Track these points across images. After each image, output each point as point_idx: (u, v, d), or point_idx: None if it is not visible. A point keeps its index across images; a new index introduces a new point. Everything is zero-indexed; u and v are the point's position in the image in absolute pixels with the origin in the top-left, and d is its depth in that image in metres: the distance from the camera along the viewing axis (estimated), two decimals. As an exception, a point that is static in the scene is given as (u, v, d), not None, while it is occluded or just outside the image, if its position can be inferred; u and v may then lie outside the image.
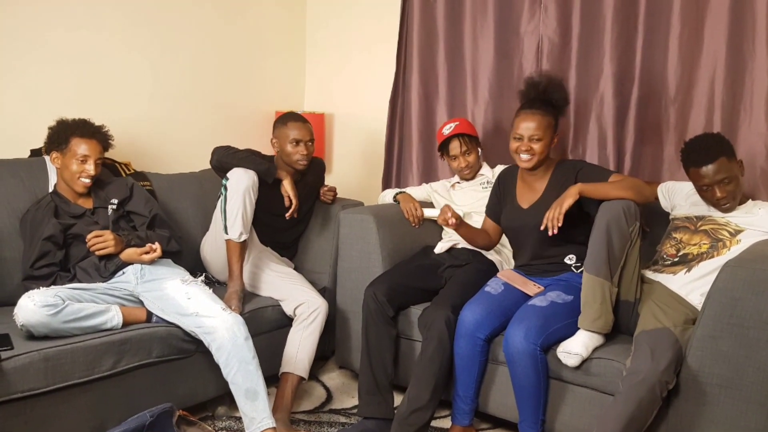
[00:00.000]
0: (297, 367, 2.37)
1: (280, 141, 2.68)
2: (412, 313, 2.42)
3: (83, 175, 2.29)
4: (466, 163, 2.72)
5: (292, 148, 2.64)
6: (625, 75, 2.63)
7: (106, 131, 2.38)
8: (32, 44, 2.60)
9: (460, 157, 2.71)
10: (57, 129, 2.33)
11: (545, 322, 2.05)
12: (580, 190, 2.10)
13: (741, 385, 1.78)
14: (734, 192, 2.08)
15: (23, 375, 1.81)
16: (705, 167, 2.06)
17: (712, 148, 2.08)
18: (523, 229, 2.33)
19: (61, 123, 2.35)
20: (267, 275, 2.57)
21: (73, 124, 2.33)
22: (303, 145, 2.65)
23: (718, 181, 2.06)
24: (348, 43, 3.54)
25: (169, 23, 3.05)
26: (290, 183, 2.60)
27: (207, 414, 2.35)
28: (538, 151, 2.24)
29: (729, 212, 2.13)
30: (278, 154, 2.71)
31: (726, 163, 2.05)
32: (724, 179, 2.06)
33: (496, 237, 2.48)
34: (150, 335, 2.10)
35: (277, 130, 2.70)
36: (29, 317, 1.89)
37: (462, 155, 2.71)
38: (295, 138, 2.64)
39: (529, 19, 2.84)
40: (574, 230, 2.23)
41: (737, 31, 2.37)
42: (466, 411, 2.20)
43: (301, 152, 2.64)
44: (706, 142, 2.13)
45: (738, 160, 2.11)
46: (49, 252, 2.21)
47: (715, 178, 2.06)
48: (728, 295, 1.80)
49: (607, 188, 2.11)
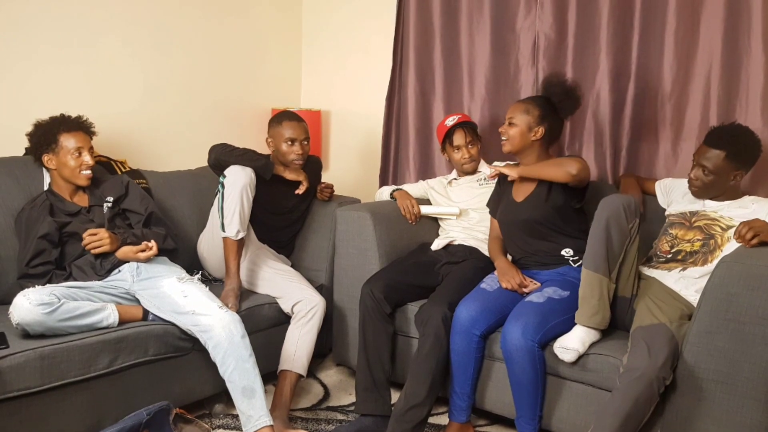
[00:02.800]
0: (295, 365, 2.37)
1: (275, 140, 2.68)
2: (409, 310, 2.42)
3: (83, 168, 2.29)
4: (470, 155, 2.71)
5: (287, 147, 2.64)
6: (621, 71, 2.63)
7: (85, 120, 2.38)
8: (26, 42, 2.59)
9: (464, 148, 2.70)
10: (39, 131, 2.32)
11: (543, 318, 2.05)
12: (520, 171, 2.27)
13: (737, 380, 1.79)
14: (708, 185, 2.12)
15: (19, 374, 1.81)
16: (705, 146, 2.12)
17: (725, 139, 2.10)
18: (514, 222, 2.35)
19: (40, 125, 2.33)
20: (264, 272, 2.57)
21: (54, 123, 2.32)
22: (298, 145, 2.64)
23: (702, 165, 2.10)
24: (345, 40, 3.53)
25: (165, 20, 3.04)
26: (292, 170, 2.62)
27: (204, 412, 2.35)
28: (510, 134, 2.33)
29: (698, 197, 2.18)
30: (274, 153, 2.71)
31: (720, 159, 2.08)
32: (706, 167, 2.10)
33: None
34: (146, 333, 2.10)
35: (272, 129, 2.70)
36: (25, 316, 1.88)
37: (466, 146, 2.70)
38: (290, 137, 2.64)
39: (525, 15, 2.84)
40: (567, 224, 2.25)
41: (733, 26, 2.37)
42: (463, 408, 2.20)
43: (296, 152, 2.64)
44: (730, 132, 2.14)
45: (739, 171, 2.11)
46: (44, 250, 2.20)
47: (701, 160, 2.11)
48: (724, 291, 1.81)
49: (538, 167, 2.25)
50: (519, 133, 2.31)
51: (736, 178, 2.12)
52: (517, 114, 2.32)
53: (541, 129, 2.30)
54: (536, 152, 2.34)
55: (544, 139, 2.33)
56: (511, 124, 2.32)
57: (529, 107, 2.32)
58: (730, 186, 2.14)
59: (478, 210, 2.69)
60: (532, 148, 2.33)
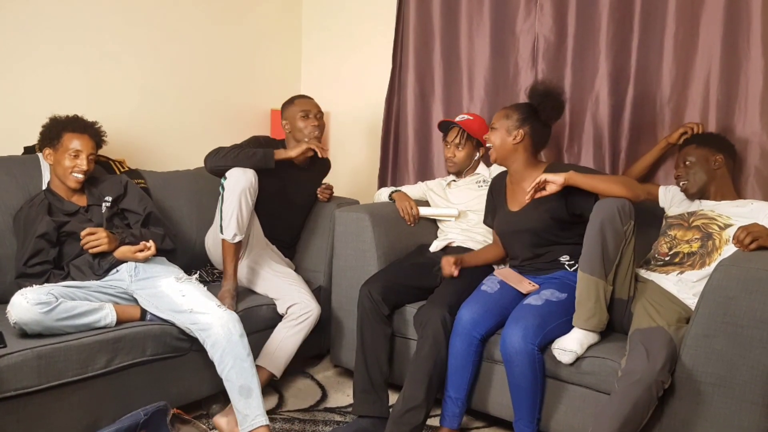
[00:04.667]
0: (271, 364, 2.38)
1: (290, 121, 2.71)
2: (407, 311, 2.42)
3: (75, 170, 2.28)
4: (453, 155, 2.71)
5: (303, 122, 2.67)
6: (621, 74, 2.63)
7: (98, 127, 2.38)
8: (26, 42, 2.59)
9: (451, 146, 2.71)
10: (49, 126, 2.33)
11: (542, 321, 2.05)
12: (569, 177, 2.12)
13: (735, 383, 1.79)
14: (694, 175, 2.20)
15: (16, 373, 1.81)
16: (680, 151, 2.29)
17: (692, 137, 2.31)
18: (514, 232, 2.35)
19: (53, 120, 2.35)
20: (266, 272, 2.57)
21: (65, 120, 2.33)
22: (313, 117, 2.69)
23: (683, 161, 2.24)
24: (344, 41, 3.53)
25: (164, 21, 3.04)
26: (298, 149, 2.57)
27: (201, 412, 2.34)
28: (491, 140, 2.32)
29: (692, 195, 2.23)
30: (290, 135, 2.73)
31: (693, 149, 2.23)
32: (687, 159, 2.22)
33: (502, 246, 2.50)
34: (144, 333, 2.09)
35: (286, 111, 2.74)
36: (22, 315, 1.88)
37: (453, 145, 2.71)
38: (304, 110, 2.68)
39: (525, 17, 2.84)
40: (564, 232, 2.24)
41: (732, 30, 2.38)
42: (456, 414, 2.19)
43: (312, 123, 2.67)
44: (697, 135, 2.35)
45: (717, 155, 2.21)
46: (42, 250, 2.20)
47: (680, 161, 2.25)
48: (722, 294, 1.81)
49: (596, 180, 2.13)
50: (499, 137, 2.30)
51: (717, 161, 2.20)
52: (498, 119, 2.32)
53: (521, 132, 2.28)
54: (522, 158, 2.31)
55: (528, 144, 2.30)
56: (493, 128, 2.33)
57: (509, 112, 2.32)
58: (717, 175, 2.19)
59: (477, 212, 2.69)
60: (516, 153, 2.31)
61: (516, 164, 2.34)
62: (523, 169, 2.33)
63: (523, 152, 2.31)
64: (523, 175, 2.33)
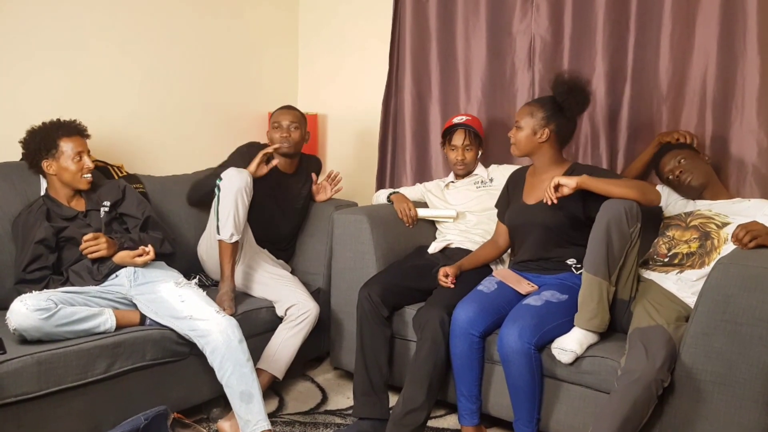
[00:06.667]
0: (272, 366, 2.38)
1: (268, 131, 2.82)
2: (406, 313, 2.42)
3: (84, 171, 2.30)
4: (463, 158, 2.72)
5: (273, 132, 2.77)
6: (617, 73, 2.63)
7: (80, 123, 2.39)
8: (23, 46, 2.59)
9: (460, 149, 2.71)
10: (37, 137, 2.31)
11: (540, 321, 2.05)
12: (582, 181, 2.08)
13: (734, 381, 1.79)
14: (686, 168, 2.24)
15: (16, 379, 1.80)
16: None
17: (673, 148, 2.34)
18: (526, 225, 2.33)
19: (35, 131, 2.32)
20: (261, 276, 2.57)
21: (52, 128, 2.32)
22: (285, 129, 2.75)
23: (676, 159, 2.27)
24: (341, 43, 3.53)
25: (160, 24, 3.04)
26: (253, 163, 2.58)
27: (202, 416, 2.34)
28: (515, 138, 2.31)
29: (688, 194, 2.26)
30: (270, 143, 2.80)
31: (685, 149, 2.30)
32: (679, 156, 2.26)
33: (504, 243, 2.49)
34: (143, 338, 2.09)
35: (270, 122, 2.82)
36: (22, 321, 1.88)
37: (462, 147, 2.71)
38: (276, 121, 2.77)
39: (521, 18, 2.84)
40: (577, 233, 2.22)
41: (728, 29, 2.38)
42: (474, 410, 2.19)
43: (280, 134, 2.74)
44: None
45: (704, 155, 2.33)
46: (41, 255, 2.20)
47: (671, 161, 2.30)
48: (721, 292, 1.81)
49: (610, 184, 2.08)
50: (525, 137, 2.29)
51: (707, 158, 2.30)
52: (523, 118, 2.29)
53: (547, 131, 2.27)
54: (548, 154, 2.31)
55: (554, 140, 2.29)
56: (518, 128, 2.30)
57: (533, 110, 2.29)
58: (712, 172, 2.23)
59: (475, 213, 2.69)
60: (542, 150, 2.30)
61: (541, 160, 2.33)
62: (548, 165, 2.32)
63: (548, 149, 2.30)
64: (547, 170, 2.32)
